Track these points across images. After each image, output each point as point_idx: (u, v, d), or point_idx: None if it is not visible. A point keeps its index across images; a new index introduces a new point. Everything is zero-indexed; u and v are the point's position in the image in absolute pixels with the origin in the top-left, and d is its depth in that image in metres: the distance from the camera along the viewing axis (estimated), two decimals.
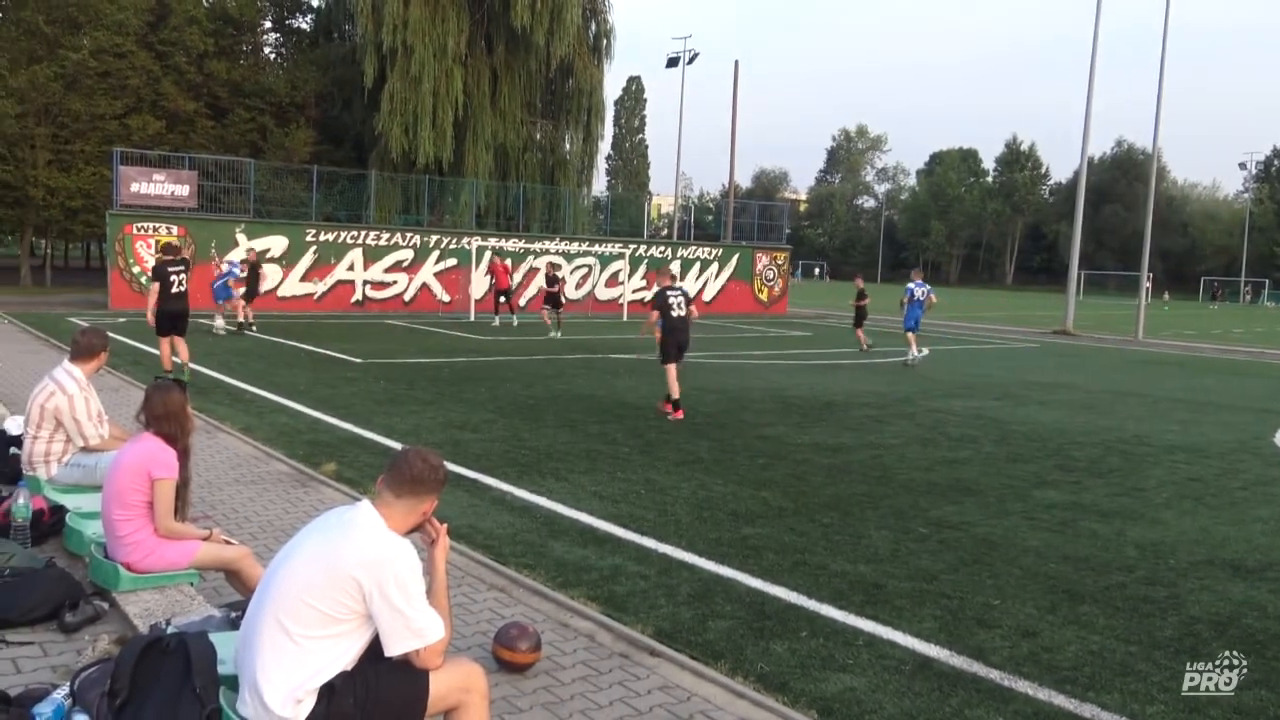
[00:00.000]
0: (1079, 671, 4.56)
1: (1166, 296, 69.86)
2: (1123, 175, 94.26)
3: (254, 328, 20.47)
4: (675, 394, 11.27)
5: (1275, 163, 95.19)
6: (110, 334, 6.30)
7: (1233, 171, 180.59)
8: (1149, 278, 33.86)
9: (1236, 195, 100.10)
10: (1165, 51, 29.78)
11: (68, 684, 3.49)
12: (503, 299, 25.97)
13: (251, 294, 21.07)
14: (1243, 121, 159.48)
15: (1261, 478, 9.23)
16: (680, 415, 11.15)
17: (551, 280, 23.85)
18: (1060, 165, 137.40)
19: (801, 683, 4.31)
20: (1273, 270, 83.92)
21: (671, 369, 11.39)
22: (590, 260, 32.94)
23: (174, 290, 12.32)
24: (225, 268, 21.42)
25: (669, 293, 11.67)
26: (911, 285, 19.99)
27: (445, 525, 3.30)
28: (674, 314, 11.57)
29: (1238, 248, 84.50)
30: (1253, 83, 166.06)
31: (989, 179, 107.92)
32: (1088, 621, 5.21)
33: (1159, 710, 4.20)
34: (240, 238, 26.62)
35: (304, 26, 41.67)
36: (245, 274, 21.04)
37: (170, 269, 12.38)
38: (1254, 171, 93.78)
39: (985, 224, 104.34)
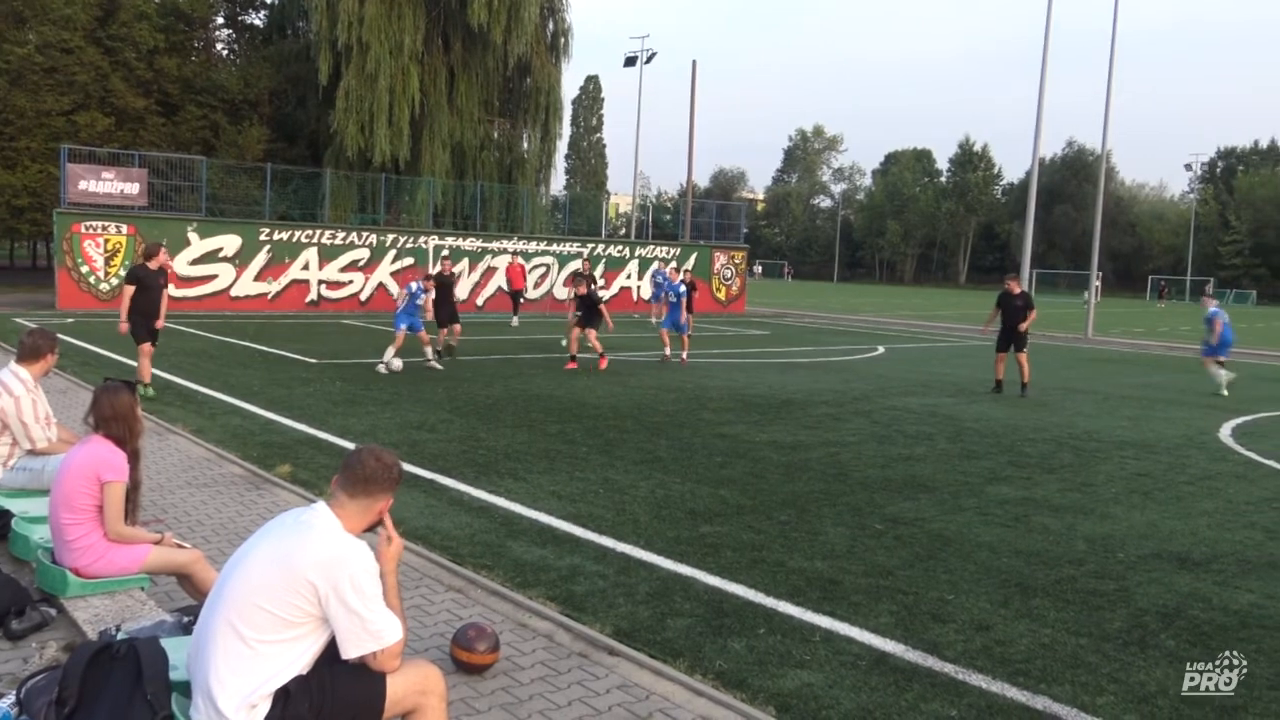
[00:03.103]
0: (1031, 664, 4.63)
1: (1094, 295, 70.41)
2: (1073, 176, 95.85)
3: (452, 352, 16.97)
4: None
5: (1219, 164, 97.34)
6: (58, 335, 6.17)
7: (1179, 173, 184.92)
8: (1098, 277, 34.45)
9: (1182, 196, 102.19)
10: (1114, 55, 30.34)
11: (14, 692, 3.42)
12: (522, 299, 26.97)
13: (446, 315, 16.84)
14: (1188, 124, 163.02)
15: (1207, 472, 9.44)
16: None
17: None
18: (1012, 165, 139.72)
19: (759, 679, 4.34)
20: (1217, 270, 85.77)
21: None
22: (548, 259, 32.89)
23: (154, 296, 11.17)
24: (413, 288, 15.68)
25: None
26: (1212, 308, 17.63)
27: (397, 530, 3.28)
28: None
29: (1184, 247, 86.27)
30: (1198, 86, 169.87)
31: (943, 179, 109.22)
32: (1039, 615, 5.30)
33: (1108, 701, 4.29)
34: (192, 236, 26.24)
35: (257, 23, 41.18)
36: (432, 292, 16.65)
37: (149, 274, 11.18)
38: (1199, 173, 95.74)
39: (940, 224, 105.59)
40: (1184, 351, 26.55)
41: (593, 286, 17.06)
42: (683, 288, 18.58)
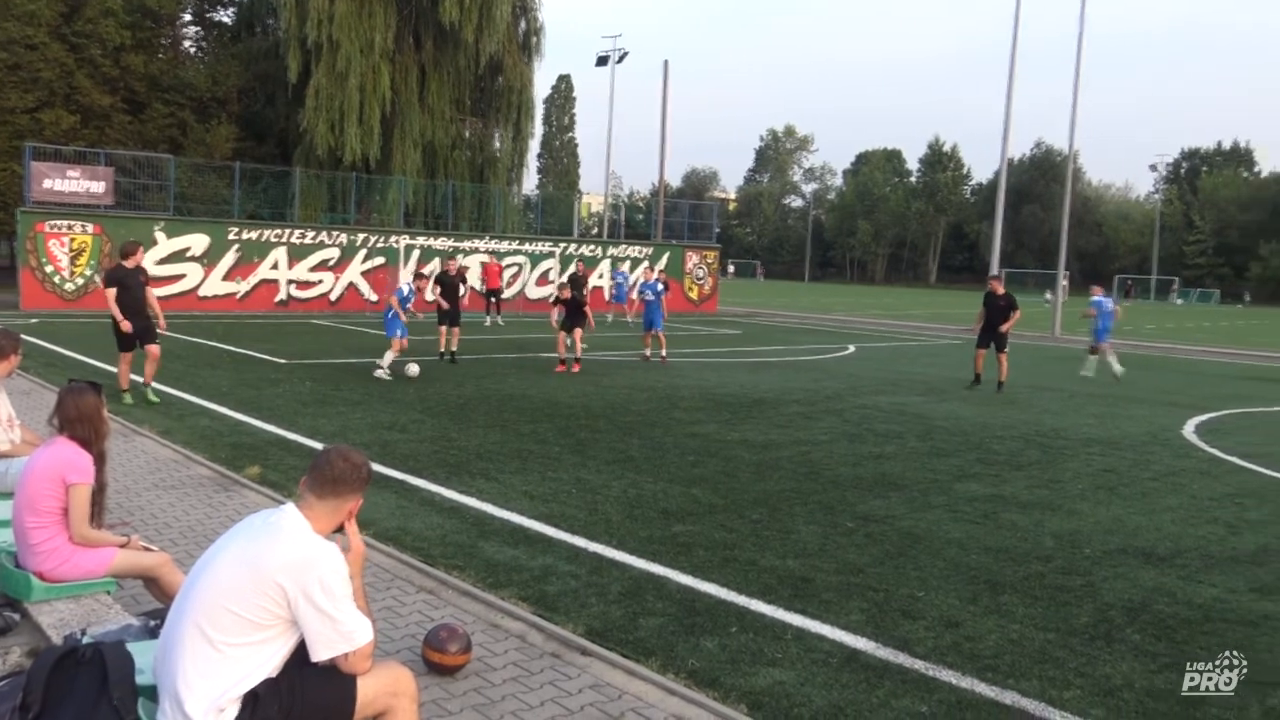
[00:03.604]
0: (999, 660, 4.68)
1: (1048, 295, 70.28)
2: (1041, 176, 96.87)
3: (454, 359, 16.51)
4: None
5: (1183, 165, 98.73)
6: (22, 336, 6.08)
7: (1144, 173, 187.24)
8: (1066, 276, 34.83)
9: (1147, 196, 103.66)
10: (1081, 57, 30.68)
11: None
12: (493, 299, 26.63)
13: (449, 315, 16.50)
14: (1153, 125, 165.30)
15: (1171, 468, 9.57)
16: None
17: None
18: (981, 166, 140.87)
19: (732, 678, 4.35)
20: (1182, 269, 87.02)
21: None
22: (521, 259, 32.80)
23: (137, 295, 10.85)
24: (403, 292, 15.21)
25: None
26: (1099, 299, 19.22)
27: (364, 533, 3.27)
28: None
29: (1149, 247, 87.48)
30: (1163, 88, 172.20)
31: (913, 179, 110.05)
32: (1008, 611, 5.36)
33: (1075, 695, 4.34)
34: (160, 236, 25.95)
35: (225, 20, 40.71)
36: (436, 292, 16.52)
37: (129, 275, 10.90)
38: (1164, 173, 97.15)
39: (910, 223, 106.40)
40: (1149, 350, 26.91)
41: (578, 291, 16.96)
42: (660, 286, 18.58)
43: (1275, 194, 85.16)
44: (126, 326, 10.81)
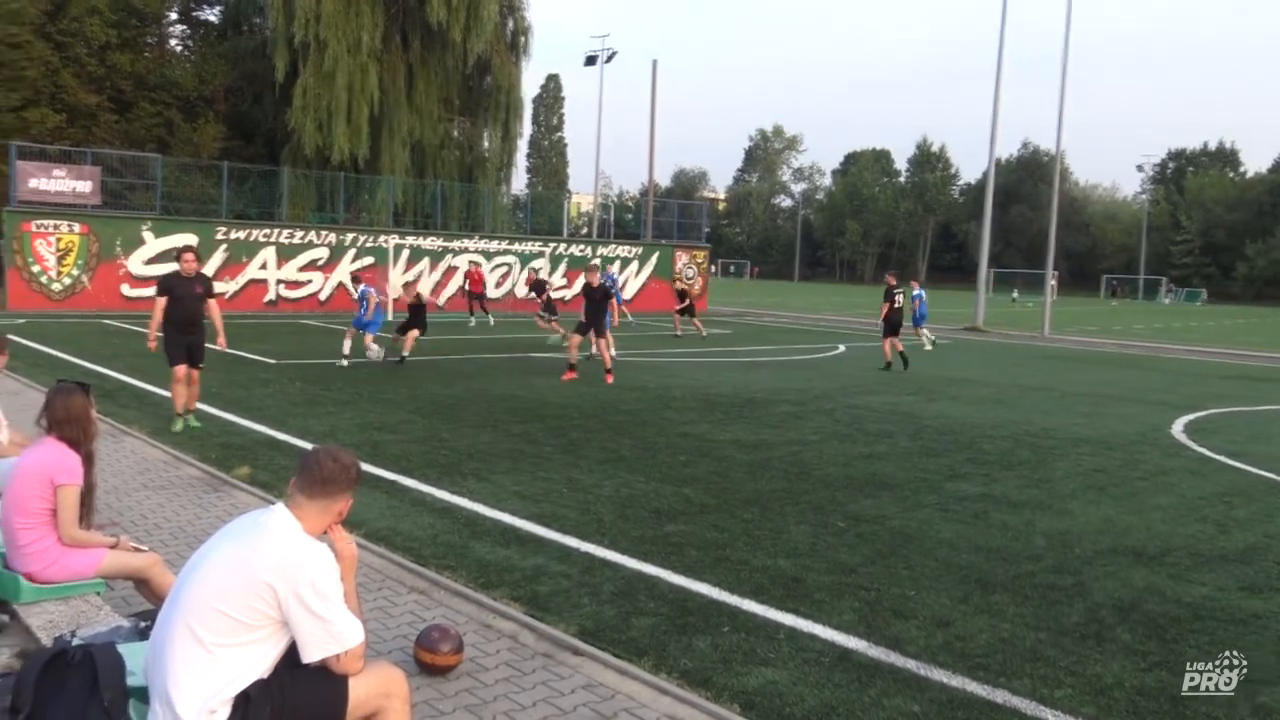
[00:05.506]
0: (991, 659, 4.69)
1: (1016, 294, 70.30)
2: (1029, 176, 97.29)
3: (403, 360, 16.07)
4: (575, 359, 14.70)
5: (1170, 166, 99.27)
6: (9, 336, 6.05)
7: (1131, 174, 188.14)
8: (1054, 275, 35.01)
9: (1134, 196, 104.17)
10: (1068, 58, 30.82)
11: None
12: (476, 300, 26.58)
13: (413, 322, 16.25)
14: (1140, 126, 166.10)
15: (1160, 468, 9.61)
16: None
17: (538, 286, 23.58)
18: (969, 166, 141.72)
19: (724, 678, 4.35)
20: (1168, 268, 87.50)
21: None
22: (510, 259, 32.77)
23: (188, 305, 9.53)
24: (374, 295, 16.26)
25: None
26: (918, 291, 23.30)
27: (355, 534, 3.25)
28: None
29: (1136, 247, 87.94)
30: (1149, 87, 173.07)
31: (901, 179, 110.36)
32: (999, 610, 5.37)
33: (1066, 694, 4.35)
34: (147, 235, 25.84)
35: (212, 19, 40.56)
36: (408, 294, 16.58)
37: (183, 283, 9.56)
38: (1150, 174, 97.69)
39: (898, 223, 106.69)
40: (1138, 349, 27.04)
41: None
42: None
43: (1261, 194, 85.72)
44: (151, 343, 9.66)
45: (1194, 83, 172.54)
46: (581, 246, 35.73)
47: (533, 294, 24.11)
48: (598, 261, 24.52)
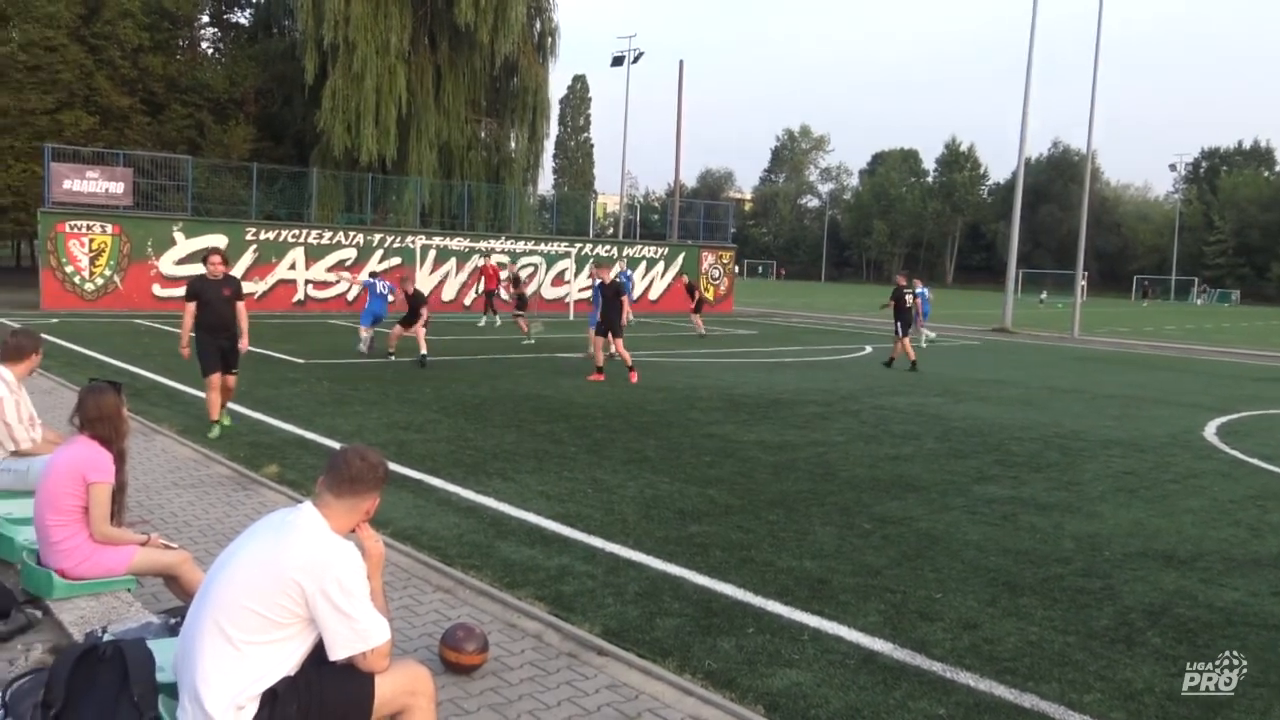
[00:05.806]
0: (1018, 662, 4.65)
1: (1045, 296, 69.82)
2: (1059, 176, 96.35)
3: (392, 355, 16.49)
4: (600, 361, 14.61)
5: (1203, 165, 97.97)
6: (43, 335, 6.13)
7: (1163, 173, 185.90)
8: (1084, 276, 34.66)
9: (1167, 196, 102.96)
10: (1099, 56, 30.51)
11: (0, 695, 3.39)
12: (495, 297, 26.61)
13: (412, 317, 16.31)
14: (1172, 125, 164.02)
15: (1192, 470, 9.49)
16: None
17: (515, 282, 23.66)
18: (998, 166, 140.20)
19: (749, 679, 4.34)
20: (1201, 269, 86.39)
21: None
22: (536, 259, 32.86)
23: (218, 309, 9.30)
24: (382, 287, 17.93)
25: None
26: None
27: (381, 533, 3.27)
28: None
29: (1168, 247, 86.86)
30: (1182, 87, 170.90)
31: (929, 179, 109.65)
32: (1027, 613, 5.32)
33: (1095, 698, 4.30)
34: (178, 236, 26.13)
35: (242, 21, 41.02)
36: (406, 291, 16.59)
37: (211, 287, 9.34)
38: (1183, 173, 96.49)
39: (926, 223, 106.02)
40: (1169, 351, 26.72)
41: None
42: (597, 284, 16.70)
43: None
44: (184, 350, 9.38)
45: (1228, 81, 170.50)
46: (607, 247, 35.76)
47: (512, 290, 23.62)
48: (610, 257, 24.55)
